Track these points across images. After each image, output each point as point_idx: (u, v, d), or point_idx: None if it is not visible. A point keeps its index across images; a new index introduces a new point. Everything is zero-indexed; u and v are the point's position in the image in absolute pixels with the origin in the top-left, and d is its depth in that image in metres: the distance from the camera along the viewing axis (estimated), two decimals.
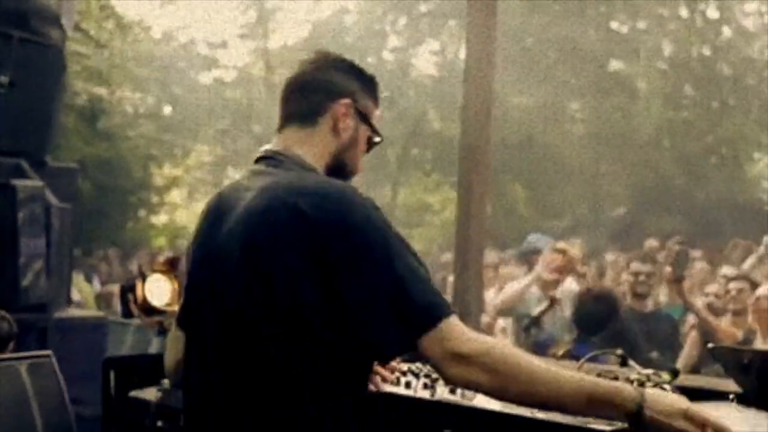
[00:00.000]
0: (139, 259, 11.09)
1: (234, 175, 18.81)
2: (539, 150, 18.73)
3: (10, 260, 4.70)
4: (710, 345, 2.10)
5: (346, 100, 1.95)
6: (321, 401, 1.75)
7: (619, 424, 1.77)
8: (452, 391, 2.18)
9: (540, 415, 1.89)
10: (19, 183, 4.85)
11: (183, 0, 19.53)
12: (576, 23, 18.25)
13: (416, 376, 2.32)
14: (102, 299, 8.96)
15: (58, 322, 5.04)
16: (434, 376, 2.38)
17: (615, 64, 19.69)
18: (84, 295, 8.74)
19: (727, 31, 19.85)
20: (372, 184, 21.66)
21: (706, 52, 19.97)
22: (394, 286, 1.69)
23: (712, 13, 20.05)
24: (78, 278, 9.39)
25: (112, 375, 3.38)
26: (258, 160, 1.98)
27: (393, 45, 20.10)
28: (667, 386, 2.06)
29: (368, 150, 2.05)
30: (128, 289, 3.59)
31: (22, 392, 3.11)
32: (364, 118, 2.00)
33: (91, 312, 6.24)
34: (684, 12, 19.99)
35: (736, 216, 15.69)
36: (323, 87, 1.95)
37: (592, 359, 2.73)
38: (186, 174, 19.24)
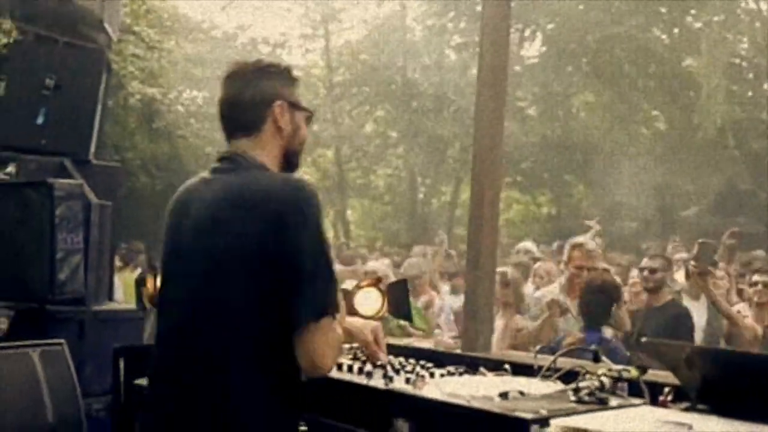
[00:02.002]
0: None
1: None
2: (605, 150, 18.44)
3: (48, 255, 4.89)
4: (643, 339, 2.11)
5: (279, 102, 2.24)
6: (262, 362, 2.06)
7: (543, 412, 1.82)
8: (407, 381, 2.25)
9: (475, 404, 1.94)
10: (56, 181, 5.05)
11: (245, 1, 19.86)
12: (644, 19, 17.88)
13: (396, 370, 2.40)
14: None
15: (95, 315, 5.21)
16: (397, 368, 2.45)
17: (686, 61, 19.23)
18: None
19: None
20: (433, 182, 21.72)
21: None
22: (316, 277, 2.04)
23: None
24: (134, 273, 9.67)
25: (121, 363, 3.52)
26: (219, 160, 2.26)
27: (453, 43, 20.05)
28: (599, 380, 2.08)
29: (308, 124, 2.34)
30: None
31: (34, 378, 3.26)
32: (295, 105, 2.28)
33: (129, 305, 6.44)
34: (763, 5, 19.38)
35: None
36: (255, 100, 2.23)
37: (570, 354, 2.76)
38: None
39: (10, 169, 5.53)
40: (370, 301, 3.61)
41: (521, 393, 1.99)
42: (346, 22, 21.66)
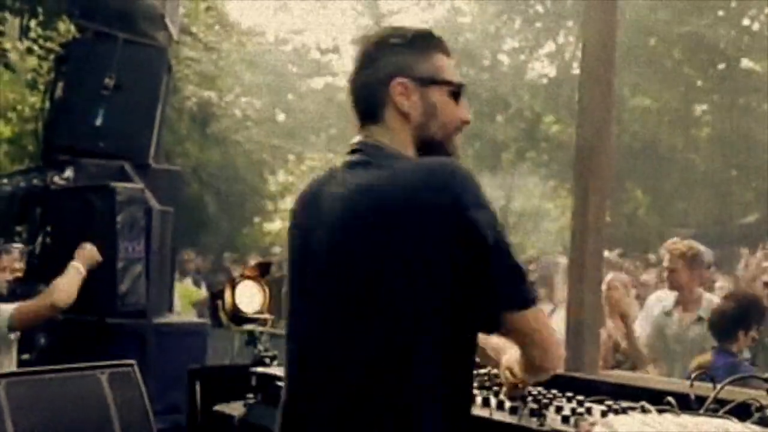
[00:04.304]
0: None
1: None
2: (663, 154, 17.96)
3: (109, 265, 4.58)
4: None
5: (398, 79, 1.84)
6: (437, 369, 1.71)
7: None
8: (565, 420, 1.85)
9: None
10: (118, 185, 4.75)
11: (296, 5, 19.72)
12: (704, 20, 17.41)
13: (543, 404, 2.01)
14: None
15: (157, 328, 4.91)
16: (544, 401, 2.05)
17: (746, 63, 18.70)
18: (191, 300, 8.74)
19: None
20: (484, 188, 21.26)
21: None
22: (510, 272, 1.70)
23: None
24: (187, 282, 9.42)
25: (197, 386, 3.20)
26: (351, 152, 1.90)
27: (508, 46, 19.67)
28: None
29: (457, 101, 1.89)
30: (217, 296, 3.38)
31: (102, 403, 2.93)
32: (430, 80, 1.86)
33: (191, 318, 6.12)
34: None
35: None
36: (371, 81, 1.86)
37: (739, 382, 2.34)
38: (299, 181, 19.37)
39: (68, 173, 5.25)
40: None
41: None
42: (398, 25, 21.46)
